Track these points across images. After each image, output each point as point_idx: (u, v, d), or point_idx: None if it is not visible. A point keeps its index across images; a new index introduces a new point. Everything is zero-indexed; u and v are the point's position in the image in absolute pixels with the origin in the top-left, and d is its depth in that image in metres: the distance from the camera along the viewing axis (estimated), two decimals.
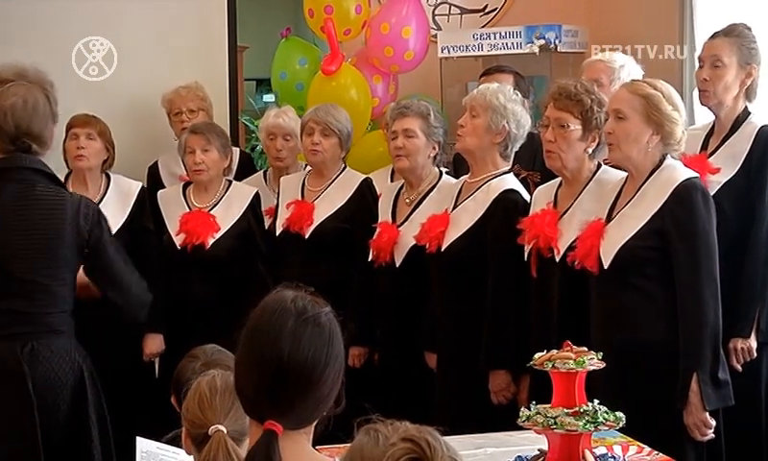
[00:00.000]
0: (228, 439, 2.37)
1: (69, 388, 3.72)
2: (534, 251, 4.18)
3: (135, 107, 5.98)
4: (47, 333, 3.70)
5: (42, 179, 3.75)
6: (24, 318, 3.66)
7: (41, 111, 3.72)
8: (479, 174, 4.49)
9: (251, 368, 2.13)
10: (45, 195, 3.73)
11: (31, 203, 3.70)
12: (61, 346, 3.73)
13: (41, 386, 3.64)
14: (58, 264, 3.72)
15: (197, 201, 5.29)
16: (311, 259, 5.03)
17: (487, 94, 4.46)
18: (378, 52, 6.13)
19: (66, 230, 3.72)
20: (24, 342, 3.65)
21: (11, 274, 3.66)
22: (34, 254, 3.68)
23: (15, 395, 3.61)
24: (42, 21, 5.82)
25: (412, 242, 4.72)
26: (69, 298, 3.77)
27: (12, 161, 3.71)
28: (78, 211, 3.76)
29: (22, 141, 3.69)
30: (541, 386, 3.26)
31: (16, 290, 3.66)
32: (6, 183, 3.70)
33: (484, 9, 6.91)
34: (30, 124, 3.69)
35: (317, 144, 5.17)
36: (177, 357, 4.08)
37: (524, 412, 3.01)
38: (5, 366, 3.62)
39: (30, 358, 3.64)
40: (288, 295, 2.18)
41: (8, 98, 3.69)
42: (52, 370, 3.68)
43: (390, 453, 1.78)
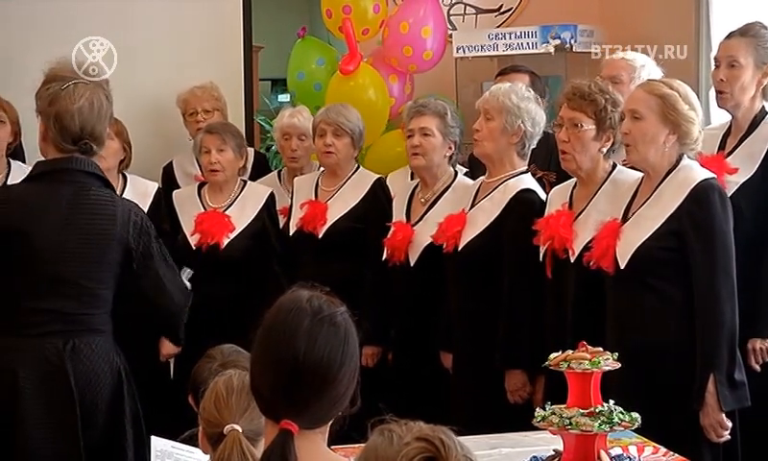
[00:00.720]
0: (243, 438, 2.37)
1: (108, 387, 3.72)
2: (549, 251, 4.17)
3: (151, 107, 6.00)
4: (88, 332, 3.70)
5: (96, 182, 3.75)
6: (67, 318, 3.67)
7: (105, 113, 3.73)
8: (496, 174, 4.49)
9: (266, 367, 2.13)
10: (97, 199, 3.73)
11: (83, 206, 3.69)
12: (101, 345, 3.73)
13: (82, 384, 3.64)
14: (104, 268, 3.72)
15: (212, 201, 5.30)
16: (325, 259, 5.03)
17: (499, 96, 4.46)
18: (397, 51, 6.12)
19: (115, 235, 3.72)
20: (66, 339, 3.65)
21: (57, 275, 3.65)
22: (82, 257, 3.68)
23: (58, 392, 3.61)
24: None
25: (426, 241, 4.72)
26: (110, 299, 3.78)
27: (69, 163, 3.70)
28: (128, 218, 3.76)
29: (84, 142, 3.69)
30: (557, 386, 3.25)
31: (62, 291, 3.66)
32: (60, 185, 3.69)
33: (499, 8, 6.90)
34: (94, 126, 3.70)
35: (330, 145, 5.17)
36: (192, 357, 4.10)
37: (539, 412, 3.01)
38: (48, 363, 3.62)
39: (71, 356, 3.64)
40: (303, 294, 2.18)
41: (75, 100, 3.68)
42: (92, 368, 3.68)
43: (404, 453, 1.78)
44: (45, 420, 3.60)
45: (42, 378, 3.61)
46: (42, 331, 3.64)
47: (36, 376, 3.61)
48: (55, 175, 3.72)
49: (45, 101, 3.72)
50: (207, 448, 2.53)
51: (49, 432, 3.60)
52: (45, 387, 3.61)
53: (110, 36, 6.01)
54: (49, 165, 3.75)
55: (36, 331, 3.64)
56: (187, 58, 6.12)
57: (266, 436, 2.17)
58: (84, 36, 5.95)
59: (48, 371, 3.62)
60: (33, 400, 3.59)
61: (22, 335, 3.65)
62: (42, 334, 3.64)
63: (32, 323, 3.65)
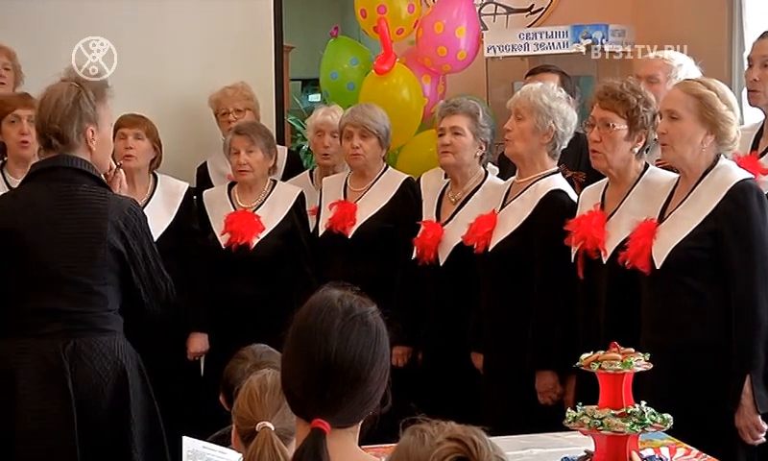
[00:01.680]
0: (275, 436, 2.37)
1: (110, 387, 3.71)
2: (581, 252, 4.16)
3: (183, 107, 6.02)
4: (89, 332, 3.70)
5: (86, 179, 3.76)
6: (66, 316, 3.67)
7: (62, 107, 3.73)
8: (527, 174, 4.48)
9: (298, 367, 2.13)
10: (88, 196, 3.74)
11: (73, 203, 3.71)
12: (104, 345, 3.72)
13: (82, 384, 3.64)
14: (98, 264, 3.72)
15: (242, 201, 5.31)
16: (354, 259, 5.04)
17: (531, 95, 4.44)
18: (431, 51, 6.12)
19: (107, 231, 3.72)
20: (66, 340, 3.65)
21: (53, 273, 3.67)
22: (75, 254, 3.69)
23: (55, 392, 3.61)
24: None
25: (456, 241, 4.72)
26: (114, 297, 3.77)
27: (57, 161, 3.73)
28: (120, 214, 3.77)
29: (44, 135, 3.75)
30: (588, 387, 3.24)
31: (59, 289, 3.67)
32: (51, 183, 3.72)
33: (530, 8, 6.89)
34: (50, 119, 3.72)
35: (357, 147, 5.17)
36: (221, 357, 4.11)
37: (570, 413, 3.00)
38: (46, 363, 3.63)
39: (71, 356, 3.64)
40: (335, 294, 2.18)
41: (44, 94, 3.76)
42: (93, 369, 3.67)
43: (436, 452, 1.78)
44: (41, 419, 3.60)
45: (40, 378, 3.62)
46: (42, 332, 3.65)
47: (34, 377, 3.62)
48: (44, 174, 3.76)
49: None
50: (240, 447, 2.54)
51: (44, 431, 3.61)
52: (42, 387, 3.62)
53: (142, 37, 6.08)
54: (39, 165, 3.80)
55: (35, 332, 3.66)
56: (219, 58, 6.14)
57: (297, 435, 2.17)
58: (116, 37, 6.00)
59: (46, 371, 3.62)
60: (29, 400, 3.60)
61: (22, 336, 3.66)
62: (42, 335, 3.65)
63: (31, 323, 3.67)
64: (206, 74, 6.01)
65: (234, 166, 5.25)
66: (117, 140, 5.18)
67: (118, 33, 5.99)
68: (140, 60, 6.02)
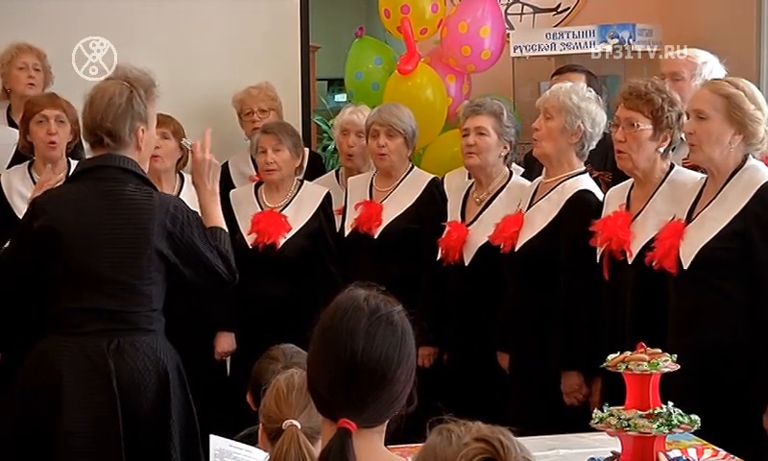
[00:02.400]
0: (301, 434, 2.38)
1: (152, 387, 3.72)
2: (606, 253, 4.14)
3: (208, 107, 6.03)
4: (133, 331, 3.71)
5: (133, 179, 3.76)
6: (110, 316, 3.68)
7: (116, 106, 3.73)
8: (554, 174, 4.47)
9: (324, 367, 2.13)
10: (134, 195, 3.74)
11: (120, 202, 3.71)
12: (147, 344, 3.73)
13: (125, 383, 3.65)
14: (144, 264, 3.72)
15: (268, 200, 5.32)
16: (380, 259, 5.04)
17: (560, 95, 4.43)
18: (455, 51, 6.12)
19: (153, 230, 3.73)
20: (110, 338, 3.66)
21: (98, 273, 3.67)
22: (121, 253, 3.69)
23: (100, 390, 3.62)
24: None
25: (481, 241, 4.71)
26: (157, 297, 3.78)
27: (104, 160, 3.74)
28: (166, 213, 3.76)
29: (95, 133, 3.74)
30: (614, 388, 3.23)
31: (104, 289, 3.67)
32: (98, 183, 3.72)
33: (557, 8, 6.87)
34: (102, 117, 3.72)
35: (383, 147, 5.17)
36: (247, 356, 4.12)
37: (597, 414, 3.00)
38: (90, 362, 3.64)
39: (115, 355, 3.65)
40: (360, 294, 2.18)
41: (92, 92, 3.76)
42: (136, 368, 3.68)
43: (463, 453, 1.78)
44: (87, 417, 3.62)
45: (85, 377, 3.63)
46: (85, 330, 3.66)
47: (78, 375, 3.63)
48: (90, 173, 3.76)
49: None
50: (267, 445, 2.54)
51: (89, 430, 3.62)
52: (87, 386, 3.63)
53: (168, 38, 6.11)
54: (85, 164, 3.82)
55: (79, 330, 3.67)
56: (245, 58, 6.15)
57: (323, 435, 2.17)
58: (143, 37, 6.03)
59: (91, 369, 3.64)
60: (74, 399, 3.61)
61: (66, 334, 3.68)
62: (86, 333, 3.66)
63: (74, 322, 3.67)
64: (233, 74, 6.02)
65: (261, 165, 5.26)
66: None
67: (145, 32, 6.06)
68: (166, 59, 6.03)
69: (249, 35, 6.23)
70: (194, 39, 6.15)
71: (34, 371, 3.71)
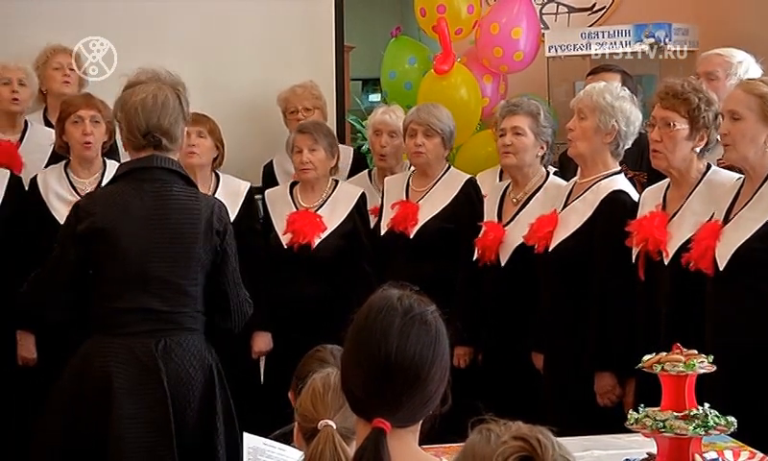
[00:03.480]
0: (337, 434, 2.38)
1: (199, 386, 3.74)
2: (642, 253, 4.12)
3: (244, 106, 6.06)
4: (179, 331, 3.73)
5: (178, 179, 3.78)
6: (158, 316, 3.69)
7: (172, 108, 3.76)
8: (589, 174, 4.45)
9: (358, 366, 2.14)
10: (181, 196, 3.76)
11: (168, 203, 3.73)
12: (192, 344, 3.75)
13: (173, 383, 3.67)
14: (192, 265, 3.75)
15: (304, 200, 5.33)
16: (416, 259, 5.03)
17: (593, 95, 4.42)
18: (488, 52, 6.12)
19: (201, 230, 3.75)
20: (157, 339, 3.68)
21: (147, 273, 3.69)
22: (170, 254, 3.71)
23: (152, 391, 3.64)
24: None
25: (518, 241, 4.70)
26: (201, 297, 3.79)
27: (149, 162, 3.74)
28: (212, 213, 3.80)
29: (152, 136, 3.73)
30: (649, 389, 3.22)
31: (152, 289, 3.69)
32: (143, 183, 3.73)
33: (592, 7, 6.86)
34: (159, 118, 3.73)
35: (420, 146, 5.17)
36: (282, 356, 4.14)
37: (632, 415, 2.99)
38: (140, 362, 3.65)
39: (163, 355, 3.67)
40: (394, 293, 2.19)
41: (138, 95, 3.74)
42: (183, 367, 3.70)
43: (500, 451, 1.78)
44: (139, 418, 3.62)
45: (136, 378, 3.64)
46: (133, 331, 3.67)
47: (129, 376, 3.64)
48: (136, 174, 3.76)
49: (117, 105, 3.82)
50: (302, 444, 2.55)
51: (143, 431, 3.63)
52: (139, 386, 3.64)
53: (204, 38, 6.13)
54: (130, 165, 3.81)
55: (126, 330, 3.67)
56: (280, 58, 6.17)
57: (357, 435, 2.17)
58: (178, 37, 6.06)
59: (141, 370, 3.65)
60: (127, 399, 3.62)
61: (113, 335, 3.68)
62: (133, 333, 3.67)
63: (122, 322, 3.68)
64: (268, 74, 6.04)
65: (297, 165, 5.27)
66: None
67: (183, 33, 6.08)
68: (202, 60, 6.08)
69: (284, 35, 6.25)
70: (229, 40, 6.17)
71: (79, 372, 3.71)
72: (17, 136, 5.44)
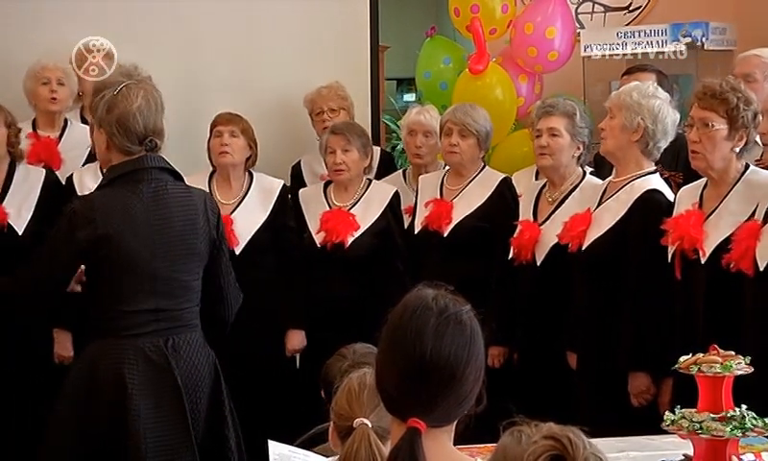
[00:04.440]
0: (372, 433, 2.39)
1: (208, 381, 3.76)
2: (678, 252, 4.10)
3: (279, 106, 6.07)
4: (183, 328, 3.74)
5: (169, 176, 3.79)
6: (165, 315, 3.70)
7: (161, 107, 3.77)
8: (623, 174, 4.44)
9: (393, 366, 2.14)
10: (177, 193, 3.77)
11: (166, 201, 3.73)
12: (196, 340, 3.77)
13: (185, 381, 3.69)
14: (194, 259, 3.77)
15: (337, 199, 5.33)
16: (450, 258, 5.03)
17: (621, 93, 4.43)
18: (522, 52, 6.11)
19: (200, 223, 3.77)
20: (166, 337, 3.69)
21: (153, 272, 3.69)
22: (173, 250, 3.72)
23: (167, 390, 3.65)
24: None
25: (553, 241, 4.69)
26: (199, 291, 3.82)
27: (142, 163, 3.72)
28: (206, 205, 3.82)
29: (150, 140, 3.72)
30: (685, 390, 3.19)
31: (159, 288, 3.69)
32: (139, 185, 3.71)
33: (628, 6, 6.83)
34: (155, 122, 3.73)
35: (455, 145, 5.17)
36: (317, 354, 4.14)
37: (669, 416, 2.97)
38: (152, 363, 3.65)
39: (173, 353, 3.68)
40: (429, 293, 2.18)
41: (133, 100, 3.70)
42: (192, 364, 3.72)
43: (531, 450, 1.78)
44: (157, 418, 3.63)
45: (149, 378, 3.64)
46: (141, 332, 3.67)
47: (142, 376, 3.63)
48: (131, 176, 3.72)
49: (102, 109, 3.73)
50: (337, 443, 2.56)
51: (162, 431, 3.63)
52: (154, 386, 3.64)
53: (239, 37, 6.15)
54: (123, 168, 3.74)
55: (135, 332, 3.66)
56: (315, 57, 6.17)
57: (392, 434, 2.17)
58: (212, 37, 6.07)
59: (154, 369, 3.65)
60: (142, 400, 3.61)
61: (122, 337, 3.66)
62: (141, 334, 3.67)
63: (129, 324, 3.66)
64: (302, 74, 6.05)
65: (330, 165, 5.28)
66: (213, 138, 5.27)
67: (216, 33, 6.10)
68: (237, 59, 6.09)
69: (319, 35, 6.26)
70: (264, 40, 6.18)
71: (88, 375, 3.69)
72: (57, 134, 5.49)
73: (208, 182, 5.29)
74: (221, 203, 5.23)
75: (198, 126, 5.52)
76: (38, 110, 5.49)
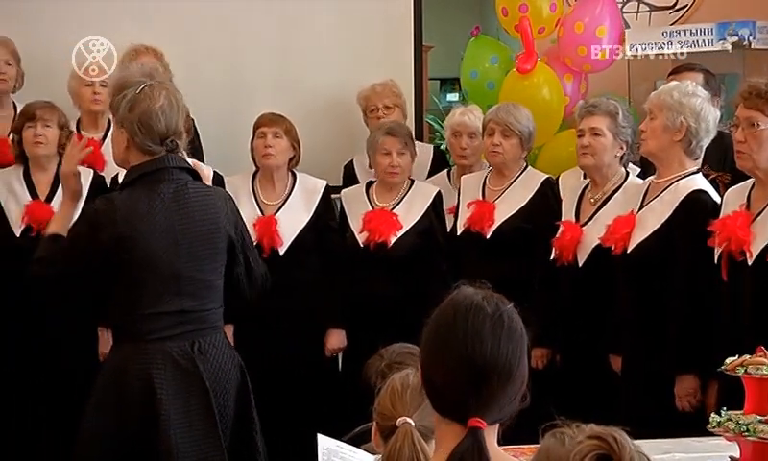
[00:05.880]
0: (415, 432, 2.39)
1: (234, 382, 3.75)
2: (725, 253, 4.06)
3: (325, 106, 6.09)
4: (208, 329, 3.72)
5: (188, 176, 3.77)
6: (190, 317, 3.68)
7: (182, 108, 3.76)
8: (666, 174, 4.40)
9: (449, 367, 2.13)
10: (197, 192, 3.76)
11: (188, 201, 3.71)
12: (221, 342, 3.76)
13: (213, 383, 3.67)
14: (217, 258, 3.75)
15: (380, 199, 5.34)
16: (492, 259, 5.02)
17: (661, 93, 4.40)
18: (571, 51, 6.09)
19: (221, 221, 3.76)
20: (192, 340, 3.67)
21: (177, 273, 3.66)
22: (196, 250, 3.70)
23: (195, 394, 3.63)
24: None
25: (595, 242, 4.66)
26: (222, 291, 3.80)
27: (163, 163, 3.70)
28: (226, 205, 3.82)
29: (171, 140, 3.71)
30: (731, 392, 3.17)
31: (184, 290, 3.67)
32: (160, 185, 3.69)
33: (674, 5, 6.77)
34: (177, 122, 3.72)
35: (497, 145, 5.16)
36: (359, 354, 4.15)
37: (715, 418, 2.95)
38: (180, 366, 3.63)
39: (200, 356, 3.66)
40: (476, 293, 2.19)
41: (156, 100, 3.68)
42: (219, 367, 3.70)
43: (577, 450, 1.78)
44: (187, 423, 3.61)
45: (178, 382, 3.62)
46: (167, 335, 3.64)
47: (170, 380, 3.61)
48: (152, 176, 3.70)
49: (124, 108, 3.70)
50: (380, 443, 2.56)
51: (191, 434, 3.62)
52: (182, 390, 3.62)
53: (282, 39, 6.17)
54: (143, 168, 3.71)
55: (160, 336, 3.64)
56: (359, 57, 6.19)
57: (438, 435, 2.17)
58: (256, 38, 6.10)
59: (181, 374, 3.63)
60: (172, 405, 3.59)
61: (147, 341, 3.63)
62: (167, 338, 3.64)
63: (155, 328, 3.63)
64: (346, 74, 6.07)
65: (384, 166, 5.27)
66: (257, 139, 5.29)
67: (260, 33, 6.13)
68: (280, 59, 6.12)
69: (362, 35, 6.27)
70: (308, 40, 6.20)
71: (117, 381, 3.66)
72: (101, 135, 5.52)
73: (251, 183, 5.31)
74: (264, 203, 5.26)
75: (241, 126, 5.55)
76: (82, 111, 5.54)
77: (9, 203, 5.07)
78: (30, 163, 5.11)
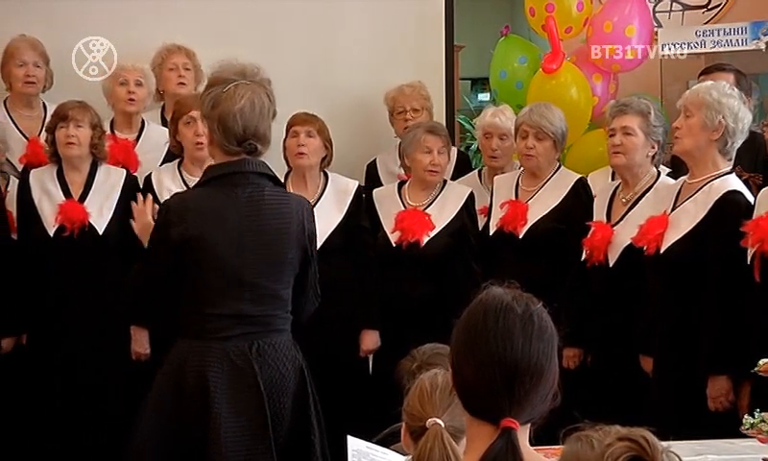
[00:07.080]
0: (445, 432, 2.38)
1: (293, 386, 3.74)
2: (758, 254, 4.04)
3: (355, 106, 6.08)
4: (270, 332, 3.72)
5: (268, 182, 3.77)
6: (251, 320, 3.69)
7: (267, 113, 3.74)
8: (699, 175, 4.37)
9: (482, 368, 2.13)
10: (273, 199, 3.75)
11: (261, 208, 3.71)
12: (283, 344, 3.75)
13: (269, 385, 3.67)
14: (284, 268, 3.74)
15: (412, 199, 5.34)
16: (525, 259, 5.00)
17: (699, 92, 4.36)
18: (600, 50, 6.06)
19: (293, 232, 3.75)
20: (250, 341, 3.67)
21: (242, 280, 3.67)
22: (265, 260, 3.70)
23: (248, 394, 3.64)
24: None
25: (626, 242, 4.64)
26: (289, 298, 3.79)
27: (241, 166, 3.72)
28: (302, 213, 3.80)
29: (249, 143, 3.70)
30: (763, 393, 3.15)
31: (245, 295, 3.68)
32: (236, 188, 3.70)
33: (707, 5, 6.75)
34: (257, 126, 3.70)
35: (531, 148, 5.14)
36: (391, 354, 4.14)
37: (748, 419, 2.93)
38: (235, 366, 3.65)
39: (258, 358, 3.66)
40: (506, 293, 2.19)
41: (236, 101, 3.68)
42: (277, 369, 3.70)
43: (609, 453, 1.78)
44: (238, 421, 3.62)
45: (231, 381, 3.63)
46: (227, 335, 3.66)
47: (224, 379, 3.63)
48: (228, 178, 3.71)
49: (208, 105, 3.74)
50: (409, 444, 2.56)
51: (242, 434, 3.63)
52: (235, 389, 3.63)
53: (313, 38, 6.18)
54: (221, 169, 3.74)
55: (220, 335, 3.66)
56: (389, 57, 6.19)
57: (470, 435, 2.18)
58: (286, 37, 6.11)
59: (237, 373, 3.64)
60: (225, 403, 3.61)
61: (208, 339, 3.66)
62: (227, 338, 3.66)
63: (216, 327, 3.66)
64: (377, 74, 6.07)
65: (425, 165, 5.25)
66: (289, 138, 5.29)
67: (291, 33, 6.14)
68: (312, 58, 6.12)
69: (393, 34, 6.27)
70: (339, 40, 6.21)
71: (175, 377, 3.70)
72: (134, 135, 5.55)
73: (284, 182, 5.32)
74: None
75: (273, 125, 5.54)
76: (116, 111, 5.56)
77: (42, 202, 5.09)
78: (63, 163, 5.14)
